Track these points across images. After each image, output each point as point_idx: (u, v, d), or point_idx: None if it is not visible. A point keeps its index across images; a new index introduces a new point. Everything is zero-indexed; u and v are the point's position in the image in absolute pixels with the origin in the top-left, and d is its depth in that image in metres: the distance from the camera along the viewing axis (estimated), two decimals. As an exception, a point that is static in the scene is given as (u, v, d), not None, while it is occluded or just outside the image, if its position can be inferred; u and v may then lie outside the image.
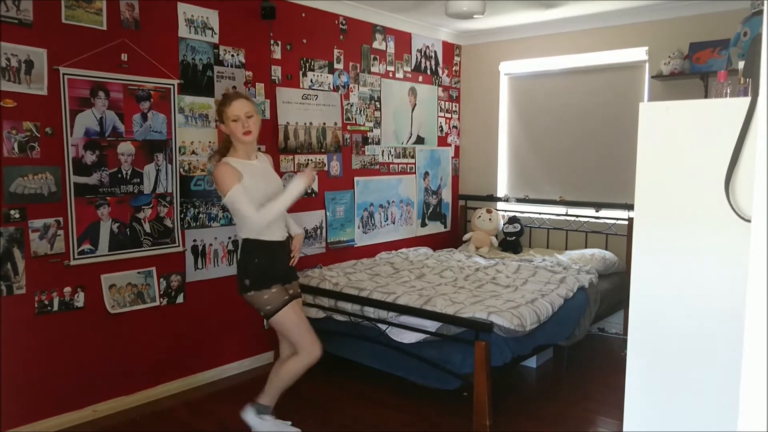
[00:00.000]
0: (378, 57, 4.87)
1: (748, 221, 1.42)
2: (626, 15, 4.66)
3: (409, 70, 5.19)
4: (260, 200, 2.72)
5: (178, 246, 3.61)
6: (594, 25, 4.86)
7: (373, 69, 4.83)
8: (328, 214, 4.54)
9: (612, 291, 4.34)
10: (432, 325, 3.30)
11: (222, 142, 2.90)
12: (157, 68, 3.45)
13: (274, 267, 2.81)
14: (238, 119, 2.71)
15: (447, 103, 5.64)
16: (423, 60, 5.33)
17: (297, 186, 2.74)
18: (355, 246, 4.78)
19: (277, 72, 4.10)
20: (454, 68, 5.69)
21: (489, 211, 5.39)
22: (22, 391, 3.03)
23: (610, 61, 4.88)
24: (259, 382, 3.81)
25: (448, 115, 5.68)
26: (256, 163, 2.84)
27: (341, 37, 4.56)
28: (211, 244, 3.78)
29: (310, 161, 4.35)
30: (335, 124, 4.54)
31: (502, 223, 5.38)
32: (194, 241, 3.70)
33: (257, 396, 2.98)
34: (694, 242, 1.69)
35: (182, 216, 3.63)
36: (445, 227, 5.73)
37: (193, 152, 3.66)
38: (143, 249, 3.45)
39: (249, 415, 2.93)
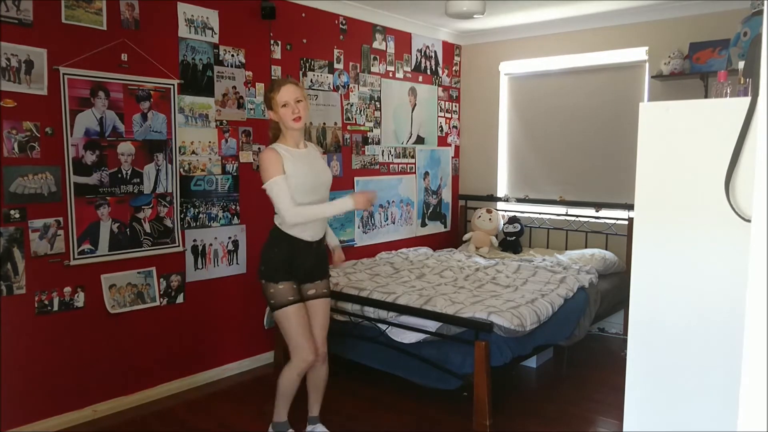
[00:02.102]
0: (378, 57, 4.87)
1: (748, 221, 1.42)
2: (626, 15, 4.66)
3: (409, 70, 5.19)
4: (303, 188, 2.67)
5: (178, 246, 3.61)
6: (594, 25, 4.86)
7: (373, 69, 4.83)
8: (328, 214, 4.53)
9: (612, 291, 4.34)
10: (432, 325, 3.30)
11: (271, 129, 2.82)
12: (157, 68, 3.45)
13: (291, 263, 2.73)
14: (288, 104, 2.65)
15: (447, 103, 5.64)
16: (423, 60, 5.33)
17: (344, 204, 2.69)
18: (355, 246, 4.78)
19: (277, 72, 4.10)
20: (454, 68, 5.69)
21: (489, 211, 5.39)
22: (22, 391, 3.03)
23: (610, 61, 4.88)
24: (259, 383, 3.82)
25: (448, 115, 5.68)
26: (303, 152, 2.76)
27: (341, 37, 4.56)
28: (211, 244, 3.78)
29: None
30: (335, 124, 4.54)
31: (502, 223, 5.38)
32: (194, 241, 3.70)
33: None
34: (694, 242, 1.69)
35: (182, 216, 3.63)
36: (445, 227, 5.73)
37: (193, 152, 3.66)
38: (143, 249, 3.45)
39: None
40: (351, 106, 4.67)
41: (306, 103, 2.72)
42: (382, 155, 4.99)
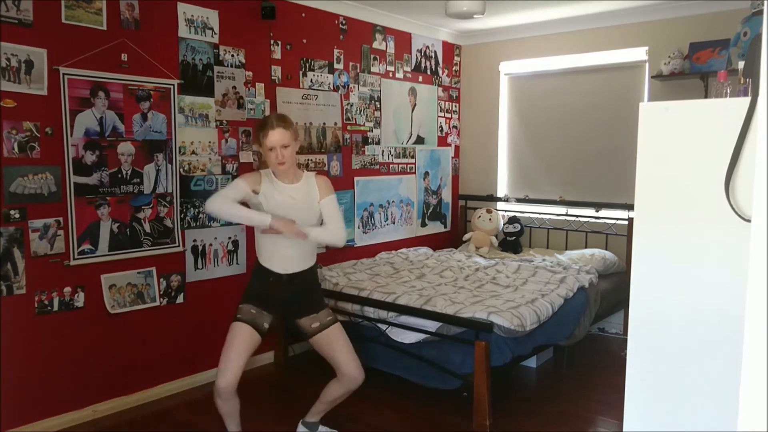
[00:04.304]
0: (378, 57, 4.87)
1: (748, 221, 1.42)
2: (626, 15, 4.66)
3: (409, 70, 5.19)
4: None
5: (178, 246, 3.61)
6: (594, 25, 4.86)
7: (373, 69, 4.83)
8: (328, 214, 4.53)
9: (612, 291, 4.34)
10: (432, 325, 3.30)
11: (263, 159, 2.82)
12: (157, 68, 3.45)
13: (261, 294, 2.74)
14: (273, 149, 2.65)
15: (447, 103, 5.64)
16: (423, 60, 5.33)
17: (262, 218, 2.62)
18: (355, 246, 4.78)
19: (277, 72, 4.10)
20: (454, 68, 5.69)
21: (489, 211, 5.39)
22: (22, 391, 3.03)
23: (610, 61, 4.87)
24: (259, 383, 3.82)
25: (448, 115, 5.68)
26: (290, 186, 2.74)
27: (341, 37, 4.56)
28: (211, 244, 3.78)
29: (309, 162, 4.35)
30: (335, 124, 4.54)
31: (502, 223, 5.38)
32: (194, 241, 3.70)
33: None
34: (694, 242, 1.69)
35: (182, 216, 3.62)
36: (445, 227, 5.73)
37: (193, 152, 3.66)
38: (143, 249, 3.45)
39: None
40: (351, 106, 4.67)
41: (294, 146, 2.70)
42: (382, 155, 4.99)
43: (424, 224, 5.48)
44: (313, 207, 2.76)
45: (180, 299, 3.66)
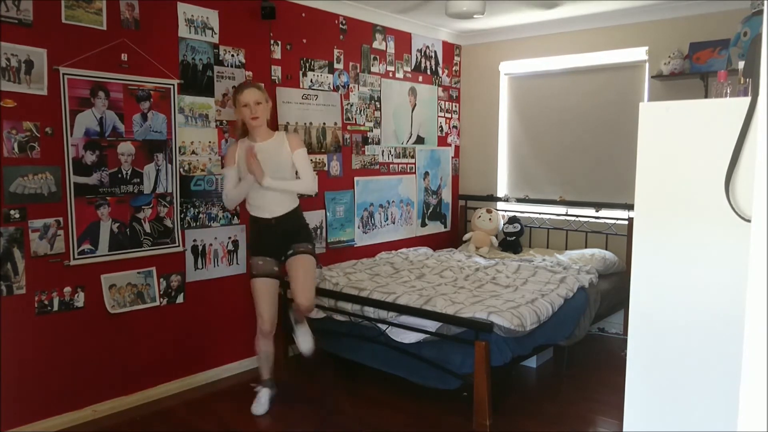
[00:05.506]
0: (378, 57, 4.87)
1: (748, 221, 1.42)
2: (626, 15, 4.66)
3: (409, 70, 5.19)
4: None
5: (178, 246, 3.61)
6: (594, 25, 4.86)
7: (373, 69, 4.83)
8: (328, 214, 4.53)
9: (612, 291, 4.34)
10: (432, 325, 3.30)
11: (241, 125, 3.29)
12: (157, 68, 3.45)
13: (260, 241, 3.30)
14: (248, 105, 3.15)
15: (447, 103, 5.64)
16: (423, 60, 5.33)
17: (250, 179, 3.14)
18: (355, 246, 4.78)
19: (277, 72, 4.10)
20: (454, 68, 5.69)
21: (489, 211, 5.39)
22: (22, 391, 3.03)
23: (610, 61, 4.87)
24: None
25: (448, 115, 5.68)
26: (263, 146, 3.20)
27: (341, 37, 4.56)
28: (211, 244, 3.78)
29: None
30: (335, 124, 4.54)
31: (502, 223, 5.38)
32: (194, 241, 3.70)
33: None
34: (694, 242, 1.69)
35: (182, 216, 3.62)
36: (445, 227, 5.73)
37: (193, 152, 3.66)
38: (143, 249, 3.45)
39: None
40: (351, 106, 4.67)
41: (266, 105, 3.22)
42: (382, 155, 4.99)
43: (424, 224, 5.48)
44: (284, 159, 3.22)
45: (180, 299, 3.66)
